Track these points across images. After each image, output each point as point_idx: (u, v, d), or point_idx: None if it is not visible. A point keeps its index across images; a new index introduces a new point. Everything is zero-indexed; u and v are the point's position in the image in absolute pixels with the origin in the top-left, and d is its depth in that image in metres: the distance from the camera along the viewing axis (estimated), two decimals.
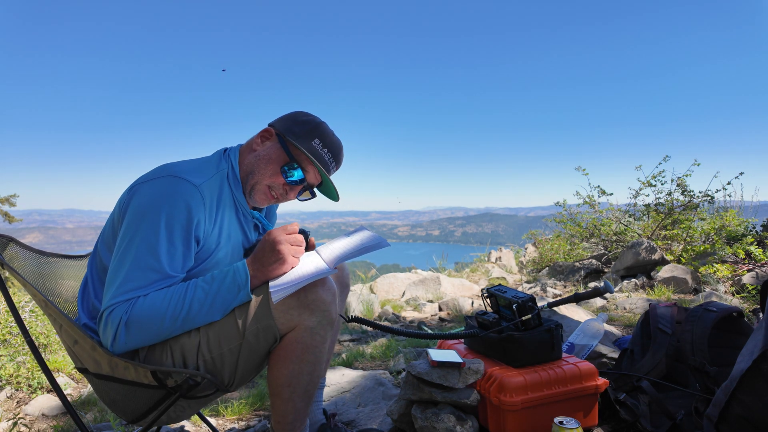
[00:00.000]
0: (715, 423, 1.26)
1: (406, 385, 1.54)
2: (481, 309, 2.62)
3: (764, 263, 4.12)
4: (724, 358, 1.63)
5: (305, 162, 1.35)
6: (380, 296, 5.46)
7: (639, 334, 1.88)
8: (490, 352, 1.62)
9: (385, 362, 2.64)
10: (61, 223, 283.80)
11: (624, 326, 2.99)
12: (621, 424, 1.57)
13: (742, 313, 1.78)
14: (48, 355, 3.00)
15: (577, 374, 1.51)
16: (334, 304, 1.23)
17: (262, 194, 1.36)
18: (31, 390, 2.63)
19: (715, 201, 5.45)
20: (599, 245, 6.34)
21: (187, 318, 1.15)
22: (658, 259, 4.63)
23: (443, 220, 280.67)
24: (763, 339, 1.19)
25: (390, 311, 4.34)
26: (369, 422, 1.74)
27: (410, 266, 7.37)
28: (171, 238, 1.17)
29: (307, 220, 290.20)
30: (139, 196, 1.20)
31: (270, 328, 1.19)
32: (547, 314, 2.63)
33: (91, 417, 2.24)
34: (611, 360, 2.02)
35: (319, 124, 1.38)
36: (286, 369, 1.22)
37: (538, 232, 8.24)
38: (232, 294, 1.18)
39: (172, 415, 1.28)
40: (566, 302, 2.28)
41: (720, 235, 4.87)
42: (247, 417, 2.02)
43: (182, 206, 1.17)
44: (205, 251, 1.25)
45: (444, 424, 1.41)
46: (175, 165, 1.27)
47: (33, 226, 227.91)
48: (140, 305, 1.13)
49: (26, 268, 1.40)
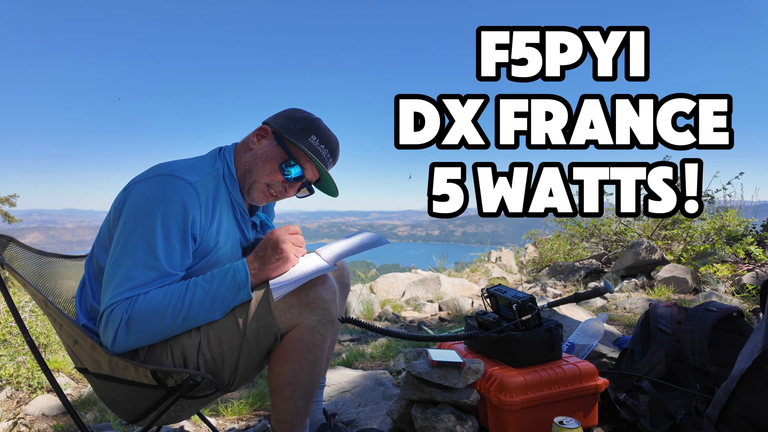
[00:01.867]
0: (715, 423, 1.26)
1: (406, 385, 1.54)
2: (481, 309, 2.62)
3: (764, 263, 4.12)
4: (724, 358, 1.63)
5: (303, 159, 1.35)
6: (380, 296, 5.46)
7: (639, 334, 1.88)
8: (490, 352, 1.62)
9: (385, 362, 2.64)
10: (61, 223, 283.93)
11: (624, 326, 2.99)
12: (621, 424, 1.57)
13: (742, 313, 1.78)
14: (48, 355, 3.00)
15: (577, 374, 1.51)
16: (334, 303, 1.23)
17: (261, 192, 1.36)
18: (31, 390, 2.63)
19: (715, 201, 5.45)
20: (599, 245, 6.34)
21: (187, 316, 1.15)
22: (658, 259, 4.63)
23: (443, 219, 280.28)
24: (763, 339, 1.19)
25: (390, 311, 4.34)
26: (369, 422, 1.74)
27: (410, 266, 7.37)
28: (168, 237, 1.17)
29: (308, 220, 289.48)
30: (134, 196, 1.20)
31: (270, 327, 1.19)
32: (547, 314, 2.63)
33: (91, 417, 2.24)
34: (611, 360, 2.02)
35: (315, 121, 1.38)
36: (287, 367, 1.22)
37: (538, 232, 8.23)
38: (232, 293, 1.18)
39: (172, 415, 1.28)
40: (566, 302, 2.28)
41: (720, 235, 4.87)
42: (247, 417, 2.02)
43: (178, 204, 1.17)
44: (202, 249, 1.26)
45: (444, 424, 1.41)
46: (170, 164, 1.27)
47: (33, 226, 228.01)
48: (141, 303, 1.13)
49: (26, 268, 1.40)
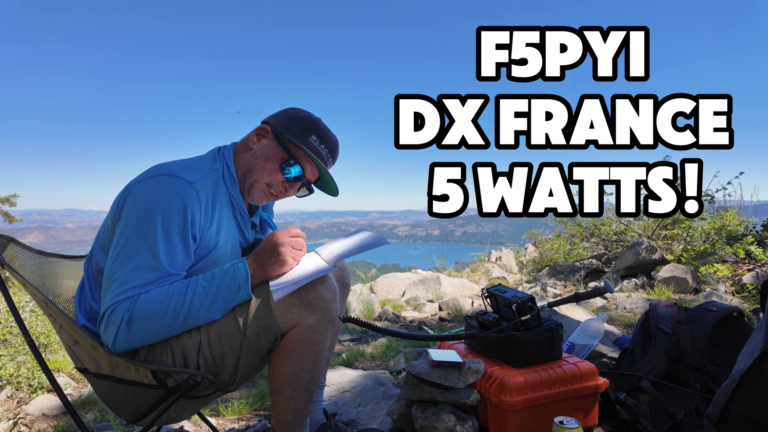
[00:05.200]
0: (716, 423, 1.25)
1: (407, 385, 1.54)
2: (481, 309, 2.63)
3: (764, 263, 4.12)
4: (724, 358, 1.63)
5: (303, 159, 1.35)
6: (380, 296, 5.46)
7: (639, 334, 1.88)
8: (491, 352, 1.62)
9: (385, 362, 2.64)
10: (61, 223, 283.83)
11: (624, 326, 2.99)
12: (621, 424, 1.57)
13: (743, 313, 1.78)
14: (48, 355, 3.00)
15: (577, 374, 1.51)
16: (334, 302, 1.23)
17: (261, 192, 1.36)
18: (32, 390, 2.63)
19: (715, 201, 5.45)
20: (599, 245, 6.34)
21: (188, 316, 1.15)
22: (658, 259, 4.63)
23: (443, 219, 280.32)
24: (764, 339, 1.19)
25: (390, 311, 4.34)
26: (369, 422, 1.74)
27: (410, 266, 7.37)
28: (168, 237, 1.17)
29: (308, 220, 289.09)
30: (134, 196, 1.20)
31: (271, 327, 1.19)
32: (547, 314, 2.63)
33: (91, 417, 2.24)
34: (611, 360, 2.02)
35: (315, 120, 1.38)
36: (287, 367, 1.22)
37: (538, 232, 8.23)
38: (232, 292, 1.18)
39: (172, 415, 1.28)
40: (566, 302, 2.28)
41: (720, 235, 4.87)
42: (247, 417, 2.02)
43: (178, 204, 1.17)
44: (202, 250, 1.25)
45: (444, 424, 1.41)
46: (169, 164, 1.27)
47: (33, 226, 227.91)
48: (142, 302, 1.13)
49: (26, 268, 1.40)
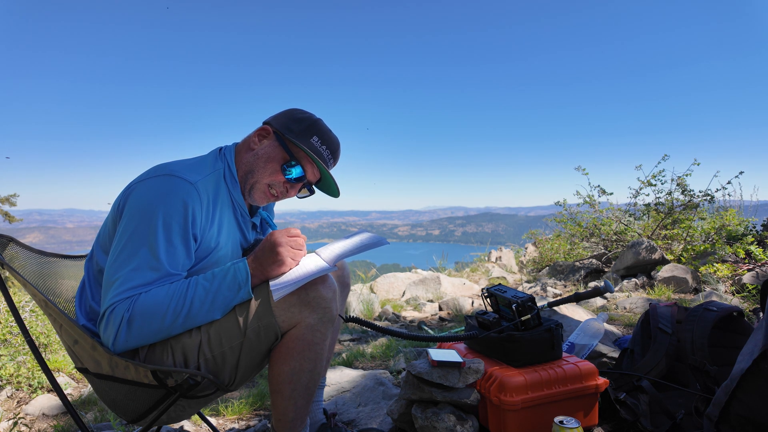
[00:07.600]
0: (716, 422, 1.25)
1: (407, 385, 1.54)
2: (481, 309, 2.62)
3: (764, 263, 4.12)
4: (724, 358, 1.63)
5: (305, 159, 1.35)
6: (380, 296, 5.46)
7: (639, 334, 1.88)
8: (491, 351, 1.62)
9: (385, 362, 2.64)
10: (61, 223, 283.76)
11: (624, 326, 2.99)
12: (621, 423, 1.57)
13: (743, 313, 1.78)
14: (48, 355, 3.00)
15: (577, 374, 1.51)
16: (334, 302, 1.23)
17: (262, 193, 1.36)
18: (32, 390, 2.63)
19: (715, 200, 5.45)
20: (599, 245, 6.34)
21: (188, 315, 1.15)
22: (658, 259, 4.63)
23: (443, 219, 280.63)
24: (764, 338, 1.19)
25: (390, 311, 4.34)
26: (369, 422, 1.74)
27: (410, 266, 7.37)
28: (169, 237, 1.16)
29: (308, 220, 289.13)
30: (135, 196, 1.19)
31: (271, 326, 1.19)
32: (547, 314, 2.63)
33: (91, 417, 2.24)
34: (611, 359, 2.02)
35: (316, 121, 1.38)
36: (288, 366, 1.22)
37: (538, 232, 8.24)
38: (232, 292, 1.18)
39: (173, 415, 1.28)
40: (566, 302, 2.28)
41: (720, 235, 4.87)
42: (247, 416, 2.02)
43: (179, 204, 1.17)
44: (203, 249, 1.25)
45: (444, 424, 1.41)
46: (171, 164, 1.27)
47: (33, 226, 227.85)
48: (142, 301, 1.13)
49: (26, 268, 1.40)
